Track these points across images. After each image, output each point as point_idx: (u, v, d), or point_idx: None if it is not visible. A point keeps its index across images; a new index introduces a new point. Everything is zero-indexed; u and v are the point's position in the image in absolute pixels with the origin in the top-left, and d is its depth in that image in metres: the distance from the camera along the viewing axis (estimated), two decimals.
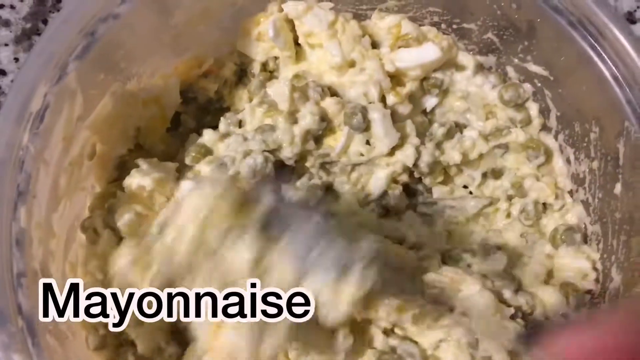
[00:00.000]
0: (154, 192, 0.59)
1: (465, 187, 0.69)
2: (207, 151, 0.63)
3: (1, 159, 0.47)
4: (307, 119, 0.61)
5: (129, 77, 0.60)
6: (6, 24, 0.83)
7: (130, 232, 0.55)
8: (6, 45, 0.81)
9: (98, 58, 0.55)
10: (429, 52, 0.65)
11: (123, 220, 0.56)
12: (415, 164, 0.64)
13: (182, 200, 0.46)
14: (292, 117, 0.62)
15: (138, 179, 0.58)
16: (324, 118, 0.62)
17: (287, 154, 0.61)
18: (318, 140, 0.63)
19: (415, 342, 0.57)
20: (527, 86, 0.66)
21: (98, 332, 0.53)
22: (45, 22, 0.83)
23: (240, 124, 0.65)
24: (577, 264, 0.62)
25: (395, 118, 0.65)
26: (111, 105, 0.58)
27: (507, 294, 0.59)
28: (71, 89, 0.53)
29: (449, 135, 0.66)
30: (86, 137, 0.57)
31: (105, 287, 0.54)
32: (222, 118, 0.66)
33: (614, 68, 0.55)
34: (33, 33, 0.82)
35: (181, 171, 0.62)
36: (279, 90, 0.62)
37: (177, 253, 0.44)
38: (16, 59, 0.81)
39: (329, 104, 0.63)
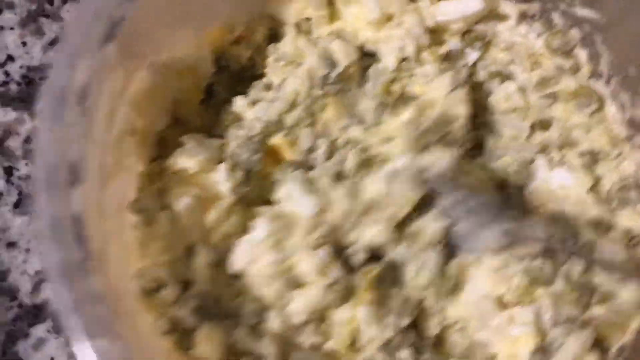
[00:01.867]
0: (200, 173, 0.56)
1: None
2: (236, 118, 0.60)
3: (53, 138, 0.44)
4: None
5: (162, 48, 0.57)
6: (10, 5, 0.77)
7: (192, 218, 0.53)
8: (12, 29, 0.76)
9: (133, 28, 0.51)
10: (471, 3, 0.63)
11: (182, 204, 0.53)
12: None
13: None
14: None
15: (182, 160, 0.56)
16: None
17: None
18: None
19: None
20: (575, 32, 0.63)
21: (166, 316, 0.51)
22: (51, 2, 0.77)
23: (268, 87, 0.63)
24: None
25: None
26: (149, 77, 0.55)
27: None
28: (113, 61, 0.49)
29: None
30: (126, 113, 0.53)
31: (171, 268, 0.52)
32: (252, 84, 0.63)
33: None
34: (39, 14, 0.77)
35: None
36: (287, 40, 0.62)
37: None
38: (24, 43, 0.76)
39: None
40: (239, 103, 0.61)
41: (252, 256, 0.53)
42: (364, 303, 0.54)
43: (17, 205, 0.70)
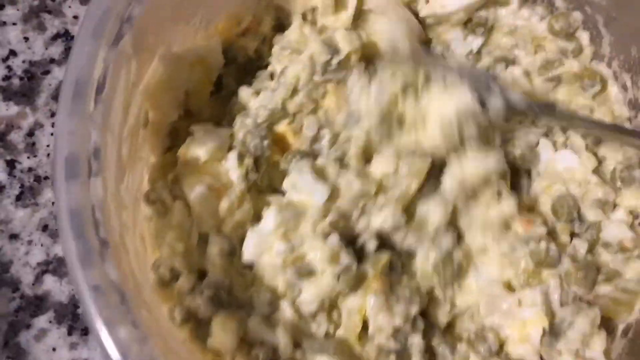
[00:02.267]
0: (211, 162, 0.57)
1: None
2: (242, 107, 0.61)
3: (74, 129, 0.45)
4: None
5: (174, 39, 0.58)
6: (12, 1, 0.78)
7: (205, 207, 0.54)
8: (14, 24, 0.78)
9: (145, 20, 0.52)
10: None
11: (195, 193, 0.54)
12: None
13: None
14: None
15: (192, 149, 0.56)
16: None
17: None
18: None
19: None
20: (577, 14, 0.64)
21: (182, 305, 0.52)
22: None
23: (272, 76, 0.64)
24: None
25: None
26: (161, 69, 0.56)
27: None
28: (127, 54, 0.50)
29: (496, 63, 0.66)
30: (140, 104, 0.55)
31: (186, 258, 0.53)
32: (257, 74, 0.64)
33: None
34: (41, 10, 0.78)
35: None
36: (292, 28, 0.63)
37: None
38: (26, 38, 0.77)
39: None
40: (244, 93, 0.62)
41: (262, 247, 0.54)
42: (373, 291, 0.55)
43: (19, 197, 0.71)
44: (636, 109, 0.63)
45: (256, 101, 0.60)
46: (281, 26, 0.66)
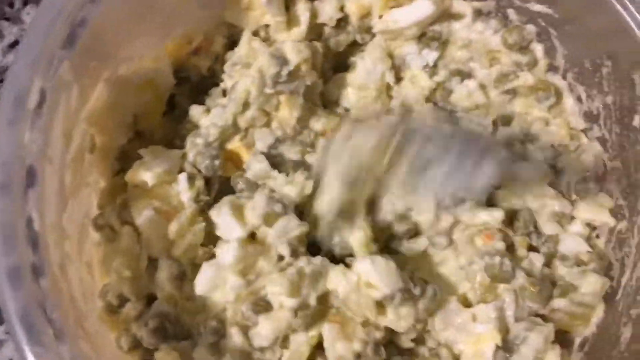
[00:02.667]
0: (160, 185, 0.56)
1: None
2: (193, 127, 0.61)
3: (6, 161, 0.44)
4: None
5: (120, 62, 0.57)
6: None
7: (154, 231, 0.53)
8: None
9: (87, 45, 0.51)
10: (422, 7, 0.64)
11: (142, 218, 0.54)
12: None
13: None
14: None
15: (140, 173, 0.56)
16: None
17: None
18: None
19: None
20: (530, 27, 0.64)
21: (129, 332, 0.51)
22: (11, 5, 0.78)
23: (224, 93, 0.63)
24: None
25: None
26: (106, 93, 0.55)
27: None
28: (66, 81, 0.49)
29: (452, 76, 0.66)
30: (84, 130, 0.54)
31: (134, 283, 0.52)
32: (209, 91, 0.63)
33: None
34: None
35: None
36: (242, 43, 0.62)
37: None
38: None
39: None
40: (195, 111, 0.61)
41: (216, 281, 0.53)
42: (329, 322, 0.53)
43: None
44: (591, 119, 0.63)
45: (207, 119, 0.60)
46: (234, 44, 0.65)
